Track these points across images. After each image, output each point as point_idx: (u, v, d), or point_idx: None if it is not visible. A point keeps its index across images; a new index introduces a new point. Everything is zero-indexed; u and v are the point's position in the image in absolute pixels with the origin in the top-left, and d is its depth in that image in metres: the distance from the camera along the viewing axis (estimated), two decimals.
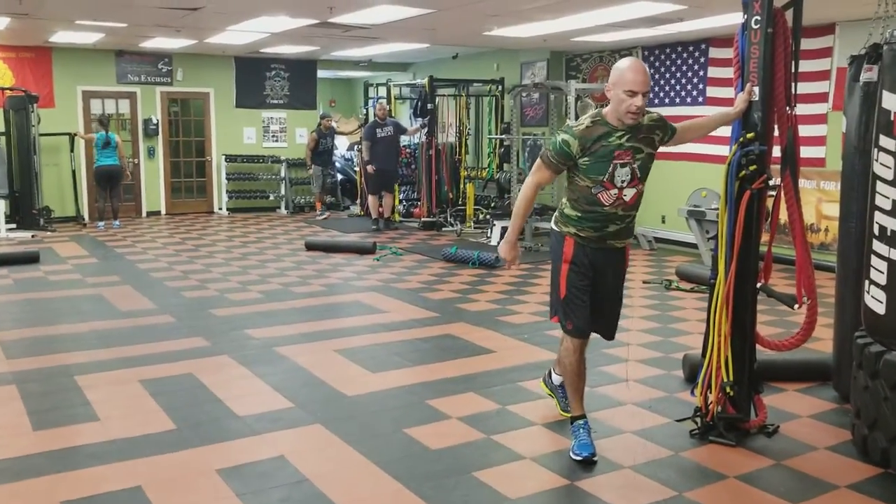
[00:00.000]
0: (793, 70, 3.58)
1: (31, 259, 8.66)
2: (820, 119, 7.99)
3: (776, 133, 3.69)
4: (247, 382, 4.59)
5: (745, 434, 3.79)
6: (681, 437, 3.78)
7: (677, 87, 9.70)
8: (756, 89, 3.60)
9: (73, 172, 12.29)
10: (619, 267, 3.63)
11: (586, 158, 3.32)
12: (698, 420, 3.82)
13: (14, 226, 11.19)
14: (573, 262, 3.48)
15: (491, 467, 3.44)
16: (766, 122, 3.60)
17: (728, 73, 3.75)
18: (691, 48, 9.48)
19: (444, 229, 11.32)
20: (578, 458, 3.50)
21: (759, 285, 3.70)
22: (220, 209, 13.67)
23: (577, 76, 11.20)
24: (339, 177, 14.34)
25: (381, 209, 11.49)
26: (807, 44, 7.77)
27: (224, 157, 13.48)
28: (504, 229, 10.13)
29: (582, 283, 3.50)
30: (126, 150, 12.30)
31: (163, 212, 13.34)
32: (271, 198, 13.92)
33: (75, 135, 12.19)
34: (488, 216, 10.79)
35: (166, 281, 7.73)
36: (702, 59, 9.36)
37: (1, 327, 5.84)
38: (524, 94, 11.58)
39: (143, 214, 13.15)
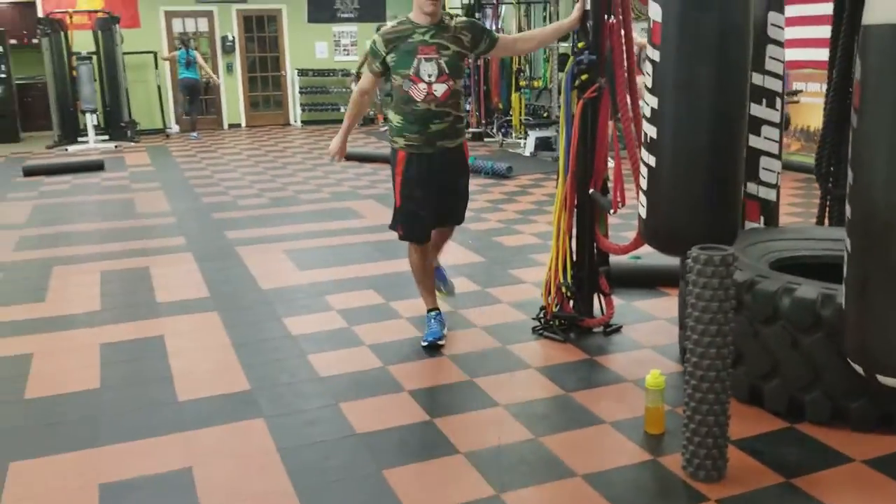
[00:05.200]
0: None
1: (96, 167, 9.72)
2: None
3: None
4: (186, 275, 5.20)
5: (587, 332, 3.98)
6: (527, 332, 4.03)
7: None
8: None
9: (159, 88, 13.36)
10: (457, 168, 3.83)
11: (393, 55, 3.59)
12: (541, 317, 4.05)
13: (106, 137, 12.40)
14: (405, 174, 3.72)
15: (321, 353, 3.84)
16: (597, 32, 3.64)
17: None
18: None
19: (486, 140, 11.47)
20: (424, 343, 3.84)
21: (590, 192, 3.81)
22: (295, 122, 14.41)
23: None
24: None
25: None
26: None
27: (297, 71, 14.12)
28: (538, 139, 10.30)
29: (416, 195, 3.73)
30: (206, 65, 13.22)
31: (243, 124, 14.26)
32: (342, 110, 14.45)
33: (157, 54, 13.20)
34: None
35: (198, 187, 8.50)
36: None
37: (28, 224, 6.81)
38: None
39: (225, 127, 14.12)
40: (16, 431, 3.12)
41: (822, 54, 4.87)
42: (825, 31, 4.22)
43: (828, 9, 4.17)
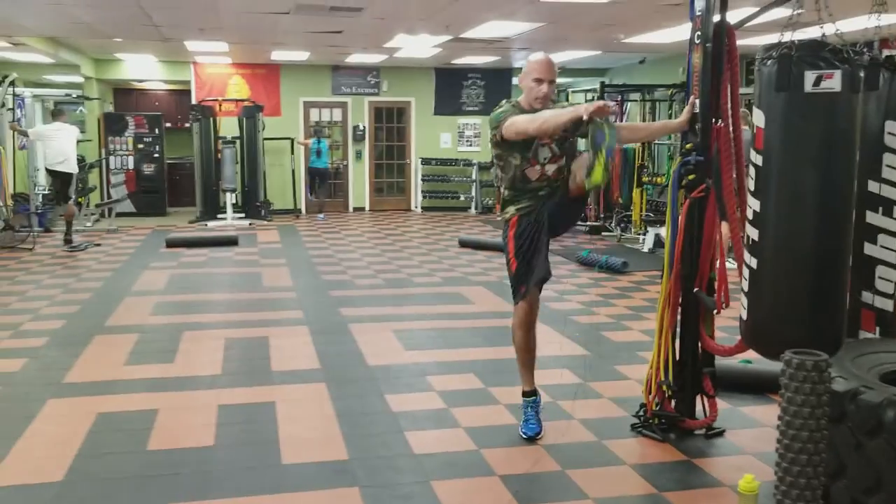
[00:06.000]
0: (729, 85, 3.67)
1: (230, 242, 10.44)
2: None
3: None
4: (300, 347, 5.50)
5: (688, 433, 3.93)
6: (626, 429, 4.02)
7: None
8: (698, 101, 3.76)
9: (293, 172, 14.28)
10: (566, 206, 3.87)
11: None
12: (640, 415, 4.03)
13: (243, 215, 13.30)
14: (517, 233, 3.81)
15: (419, 431, 3.97)
16: (706, 134, 3.73)
17: None
18: None
19: (603, 234, 11.52)
20: (525, 437, 3.91)
21: (695, 291, 3.83)
22: (416, 207, 14.98)
23: (751, 77, 10.82)
24: None
25: None
26: None
27: (420, 160, 14.77)
28: (657, 235, 10.25)
29: (528, 247, 3.80)
30: (335, 154, 14.10)
31: (367, 208, 14.95)
32: (462, 198, 14.95)
33: (294, 140, 14.20)
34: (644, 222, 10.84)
35: (319, 265, 8.98)
36: None
37: (166, 291, 7.39)
38: None
39: (350, 210, 14.84)
40: (137, 479, 3.39)
41: None
42: None
43: None
